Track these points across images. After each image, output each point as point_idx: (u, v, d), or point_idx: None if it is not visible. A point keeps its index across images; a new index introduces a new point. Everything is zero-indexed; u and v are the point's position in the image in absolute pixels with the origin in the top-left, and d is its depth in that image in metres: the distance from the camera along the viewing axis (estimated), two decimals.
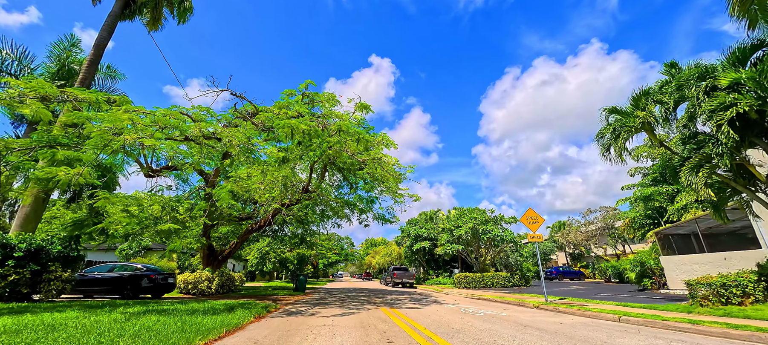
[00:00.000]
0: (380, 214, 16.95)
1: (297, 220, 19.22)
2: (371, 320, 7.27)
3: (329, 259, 46.63)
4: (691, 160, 9.20)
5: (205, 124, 8.54)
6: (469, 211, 29.19)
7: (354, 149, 11.20)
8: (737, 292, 7.75)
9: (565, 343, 4.91)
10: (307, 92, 10.90)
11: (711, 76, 8.96)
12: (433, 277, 32.71)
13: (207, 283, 14.61)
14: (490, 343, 4.91)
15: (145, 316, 6.53)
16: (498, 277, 23.60)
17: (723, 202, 9.57)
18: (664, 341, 5.13)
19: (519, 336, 5.46)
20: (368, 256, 64.95)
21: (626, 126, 11.23)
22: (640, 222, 18.46)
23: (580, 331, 5.97)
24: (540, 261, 12.02)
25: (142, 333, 4.91)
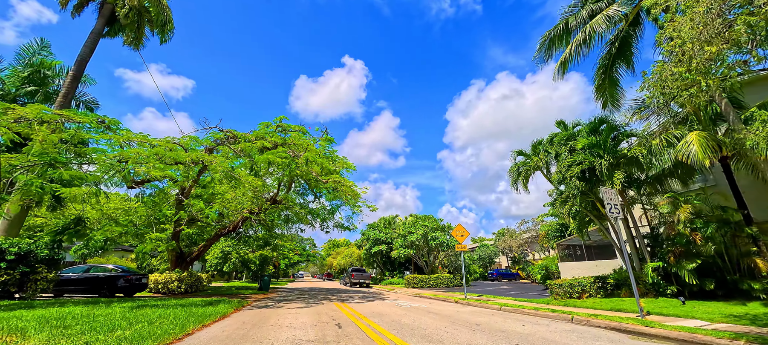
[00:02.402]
0: (340, 223, 19.40)
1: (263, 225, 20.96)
2: (325, 310, 9.77)
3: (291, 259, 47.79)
4: (561, 196, 12.90)
5: (194, 153, 10.41)
6: (422, 219, 32.58)
7: (318, 172, 13.59)
8: (578, 290, 11.41)
9: (447, 321, 7.81)
10: (281, 124, 13.08)
11: (574, 139, 12.72)
12: (389, 277, 35.69)
13: (177, 283, 15.97)
14: (398, 321, 7.67)
15: (142, 309, 8.39)
16: (443, 278, 27.07)
17: (583, 226, 13.43)
18: (510, 319, 8.26)
19: (421, 318, 8.30)
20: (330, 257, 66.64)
21: (526, 166, 14.88)
22: (551, 234, 22.87)
23: (466, 316, 8.99)
24: (464, 267, 15.26)
25: (154, 319, 6.92)
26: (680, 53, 4.67)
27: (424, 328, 6.61)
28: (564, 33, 13.23)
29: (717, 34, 4.25)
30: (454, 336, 5.80)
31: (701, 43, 4.32)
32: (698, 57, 4.43)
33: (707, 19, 4.16)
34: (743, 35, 4.10)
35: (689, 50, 4.48)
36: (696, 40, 4.35)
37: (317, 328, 6.55)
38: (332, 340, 5.47)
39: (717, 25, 4.16)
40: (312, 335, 5.84)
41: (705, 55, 4.37)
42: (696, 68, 4.62)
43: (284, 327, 6.71)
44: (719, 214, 9.63)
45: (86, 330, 5.30)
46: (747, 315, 7.05)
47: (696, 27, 4.31)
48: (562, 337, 5.85)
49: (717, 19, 4.17)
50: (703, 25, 4.24)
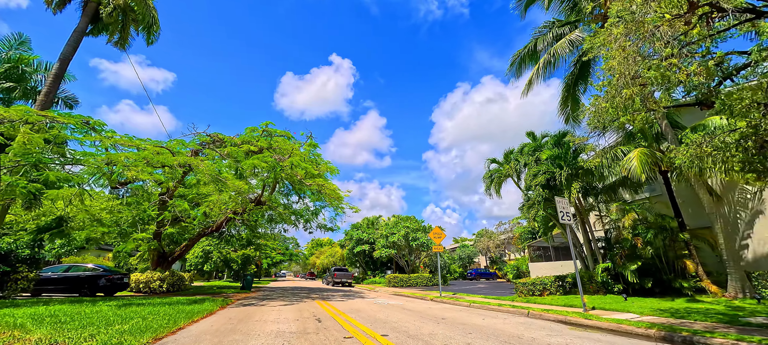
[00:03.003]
0: (323, 224, 19.99)
1: (246, 225, 21.22)
2: (307, 307, 10.42)
3: (273, 259, 47.70)
4: (528, 202, 14.06)
5: (181, 157, 10.78)
6: (404, 220, 33.53)
7: (303, 176, 14.16)
8: (540, 288, 12.57)
9: (418, 316, 8.64)
10: (267, 129, 13.57)
11: (541, 150, 13.89)
12: (371, 277, 36.46)
13: (158, 282, 16.10)
14: (374, 316, 8.44)
15: (129, 308, 8.78)
16: (422, 278, 28.08)
17: (547, 230, 14.66)
18: (474, 314, 9.19)
19: (395, 313, 9.11)
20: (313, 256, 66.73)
21: (499, 173, 15.99)
22: (524, 236, 24.31)
23: (436, 311, 9.87)
24: (439, 267, 16.21)
25: (147, 315, 7.39)
26: (607, 92, 5.68)
27: (395, 322, 7.42)
28: (533, 53, 14.40)
29: (632, 78, 5.27)
30: (419, 328, 6.63)
31: (619, 87, 5.33)
32: (618, 97, 5.45)
33: (622, 67, 5.17)
34: (648, 82, 5.13)
35: (612, 91, 5.50)
36: (615, 85, 5.36)
37: (299, 322, 7.23)
38: (312, 331, 6.17)
39: (630, 74, 5.17)
40: (294, 328, 6.52)
41: (623, 97, 5.38)
42: (617, 105, 5.64)
43: (269, 321, 7.34)
44: (658, 222, 10.97)
45: (84, 325, 5.76)
46: (671, 309, 8.27)
47: (615, 74, 5.31)
48: (513, 328, 6.80)
49: (630, 69, 5.17)
50: (619, 73, 5.24)
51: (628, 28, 5.22)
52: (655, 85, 5.13)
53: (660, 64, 4.94)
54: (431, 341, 5.36)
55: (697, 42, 5.21)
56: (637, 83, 5.29)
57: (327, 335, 5.84)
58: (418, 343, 5.18)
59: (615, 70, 5.29)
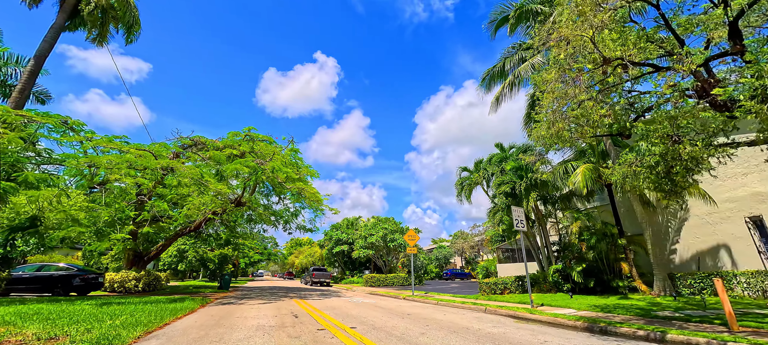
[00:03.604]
0: (302, 225, 20.54)
1: (225, 225, 21.37)
2: (285, 305, 11.08)
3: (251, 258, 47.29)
4: (494, 208, 15.34)
5: (164, 161, 11.13)
6: (382, 221, 34.49)
7: (284, 179, 14.74)
8: (501, 287, 13.84)
9: (388, 312, 9.55)
10: (250, 133, 14.05)
11: (506, 161, 15.17)
12: (349, 276, 37.15)
13: (134, 282, 16.11)
14: (347, 312, 9.27)
15: (111, 306, 9.12)
16: (398, 277, 29.13)
17: (511, 235, 16.03)
18: (439, 311, 10.21)
19: (367, 310, 9.97)
20: (292, 255, 66.39)
21: (469, 180, 17.21)
22: (494, 239, 25.89)
23: (405, 308, 10.81)
24: (412, 268, 17.21)
25: (134, 312, 7.85)
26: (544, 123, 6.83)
27: (366, 317, 8.28)
28: (501, 72, 15.71)
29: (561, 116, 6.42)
30: (385, 322, 7.53)
31: (552, 121, 6.47)
32: (552, 129, 6.59)
33: (553, 106, 6.30)
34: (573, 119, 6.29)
35: (546, 124, 6.63)
36: (549, 119, 6.50)
37: (278, 318, 7.94)
38: (290, 325, 6.92)
39: (559, 112, 6.31)
40: (273, 322, 7.24)
41: (556, 128, 6.53)
42: (552, 134, 6.79)
43: (249, 318, 8.00)
44: (601, 229, 12.48)
45: (74, 321, 6.22)
46: (603, 305, 9.63)
47: (548, 111, 6.45)
48: (467, 322, 7.83)
49: (560, 107, 6.31)
50: (551, 110, 6.38)
51: (558, 73, 6.36)
52: (578, 121, 6.29)
53: (584, 105, 6.10)
54: (392, 331, 6.27)
55: (613, 87, 6.43)
56: (564, 119, 6.45)
57: (302, 328, 6.61)
58: (380, 334, 6.07)
59: (548, 108, 6.42)
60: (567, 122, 6.62)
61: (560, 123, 6.54)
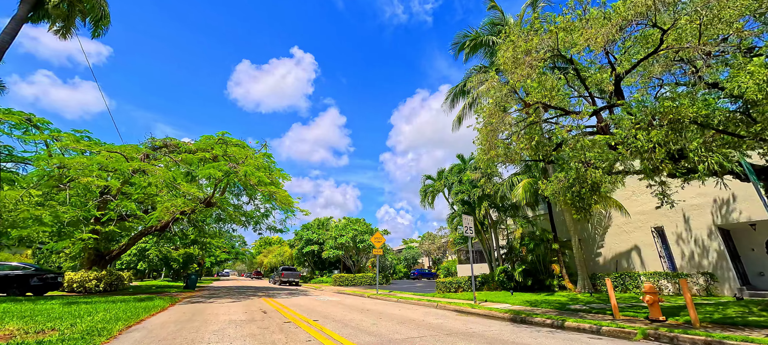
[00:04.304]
0: (273, 226, 21.05)
1: (193, 225, 21.28)
2: (254, 303, 11.79)
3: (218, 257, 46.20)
4: (452, 214, 16.90)
5: (135, 163, 11.40)
6: (353, 222, 35.42)
7: (255, 182, 15.31)
8: (455, 286, 15.40)
9: (350, 309, 10.61)
10: (223, 137, 14.49)
11: (464, 172, 16.75)
12: (318, 276, 37.69)
13: (95, 281, 15.85)
14: (313, 309, 10.22)
15: (79, 305, 9.39)
16: (366, 277, 30.22)
17: (465, 240, 17.69)
18: (396, 307, 11.44)
19: (331, 307, 10.98)
20: (260, 255, 65.28)
21: (432, 188, 18.68)
22: (456, 241, 27.78)
23: (367, 305, 11.94)
24: (378, 268, 18.39)
25: (110, 309, 8.28)
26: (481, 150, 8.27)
27: (328, 313, 9.31)
28: (463, 91, 17.33)
29: (493, 146, 7.88)
30: (344, 315, 8.62)
31: (486, 149, 7.92)
32: (486, 156, 8.04)
33: (485, 138, 7.75)
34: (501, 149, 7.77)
35: (482, 152, 8.08)
36: (484, 147, 7.94)
37: (247, 314, 8.75)
38: (259, 319, 7.79)
39: (490, 143, 7.77)
40: (244, 318, 8.06)
41: (489, 156, 7.98)
42: (488, 159, 8.25)
43: (220, 314, 8.73)
44: (539, 235, 14.41)
45: (51, 318, 6.69)
46: (534, 300, 11.36)
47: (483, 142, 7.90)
48: (416, 315, 9.11)
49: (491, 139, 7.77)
50: (485, 142, 7.83)
51: (493, 109, 7.81)
52: (507, 151, 7.77)
53: (509, 138, 7.59)
54: (348, 323, 7.37)
55: (535, 124, 7.99)
56: (496, 147, 7.91)
57: (270, 321, 7.52)
58: (338, 325, 7.15)
59: (482, 139, 7.86)
60: (498, 150, 8.10)
61: (493, 151, 8.00)
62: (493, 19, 16.17)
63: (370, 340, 5.53)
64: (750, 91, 5.06)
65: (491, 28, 16.30)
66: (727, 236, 13.09)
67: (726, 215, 12.18)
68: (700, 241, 12.64)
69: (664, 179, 8.21)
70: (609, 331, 6.47)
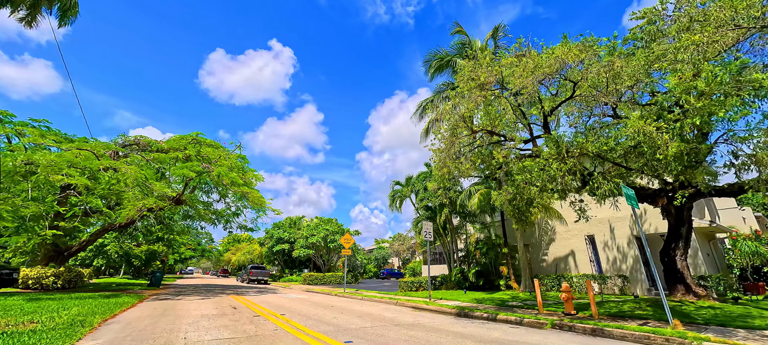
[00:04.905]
0: (244, 225, 21.29)
1: (161, 222, 21.00)
2: (223, 300, 12.33)
3: (183, 255, 44.73)
4: (416, 218, 18.22)
5: (106, 161, 11.52)
6: (325, 222, 36.00)
7: (228, 183, 15.69)
8: (416, 285, 16.71)
9: (316, 305, 11.50)
10: (197, 138, 14.77)
11: (429, 179, 18.12)
12: (288, 275, 37.86)
13: (53, 278, 15.43)
14: (281, 305, 11.01)
15: (44, 301, 9.54)
16: (336, 276, 30.97)
17: (433, 242, 19.11)
18: (359, 304, 12.46)
19: (299, 304, 11.81)
20: (228, 252, 63.62)
21: (401, 193, 19.91)
22: (423, 243, 29.30)
23: (333, 302, 12.87)
24: (346, 268, 19.31)
25: (83, 305, 8.58)
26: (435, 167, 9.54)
27: (295, 308, 10.17)
28: (432, 103, 18.73)
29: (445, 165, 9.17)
30: (309, 310, 9.53)
31: (440, 166, 9.20)
32: (439, 173, 9.32)
33: (438, 159, 9.03)
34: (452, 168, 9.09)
35: (436, 169, 9.35)
36: (438, 165, 9.21)
37: (218, 310, 9.40)
38: (229, 314, 8.51)
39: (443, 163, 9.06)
40: (215, 312, 8.73)
41: (442, 173, 9.27)
42: (442, 176, 9.53)
43: (192, 310, 9.31)
44: (491, 240, 16.09)
45: (27, 312, 7.03)
46: (482, 298, 12.87)
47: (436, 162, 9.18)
48: (375, 310, 10.20)
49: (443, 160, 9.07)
50: (439, 161, 9.11)
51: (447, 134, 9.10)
52: (458, 168, 9.09)
53: (457, 160, 8.90)
54: (313, 317, 8.31)
55: (480, 147, 9.37)
56: (446, 166, 9.21)
57: (241, 315, 8.28)
58: (303, 318, 8.07)
59: (436, 160, 9.13)
60: (449, 168, 9.41)
61: (445, 168, 9.29)
62: (462, 40, 17.71)
63: (327, 329, 6.53)
64: (629, 137, 6.65)
65: (460, 48, 17.82)
66: (643, 244, 15.46)
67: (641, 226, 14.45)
68: (621, 248, 14.85)
69: (582, 198, 9.94)
70: (528, 322, 7.92)
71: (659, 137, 6.28)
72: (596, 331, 6.68)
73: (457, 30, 16.52)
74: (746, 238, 13.54)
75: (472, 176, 12.22)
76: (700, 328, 6.52)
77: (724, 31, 5.71)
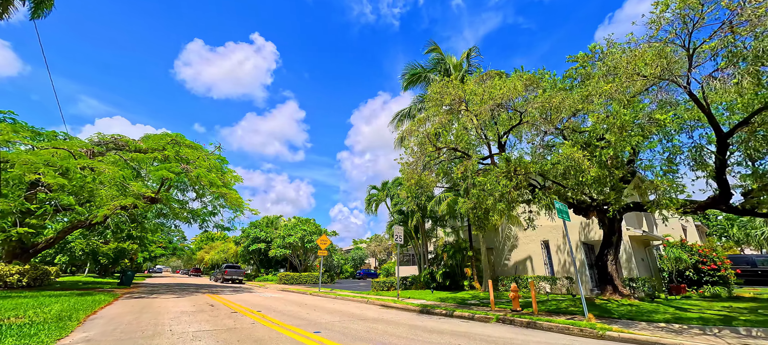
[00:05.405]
0: (220, 224, 21.45)
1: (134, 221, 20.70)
2: (199, 299, 12.75)
3: (153, 252, 43.38)
4: (391, 222, 19.25)
5: (84, 161, 11.65)
6: (303, 222, 36.33)
7: (208, 185, 16.00)
8: (388, 285, 17.73)
9: (291, 303, 12.20)
10: (176, 138, 15.00)
11: (402, 187, 19.16)
12: (264, 275, 37.82)
13: (18, 276, 15.08)
14: (257, 303, 11.63)
15: (18, 299, 9.67)
16: (312, 276, 31.43)
17: (405, 244, 20.21)
18: (332, 302, 13.27)
19: (274, 302, 12.46)
20: (201, 251, 62.03)
21: (376, 197, 20.85)
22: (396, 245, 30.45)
23: (307, 300, 13.60)
24: (321, 269, 20.02)
25: (63, 302, 8.85)
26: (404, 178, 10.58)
27: (271, 305, 10.86)
28: (408, 114, 19.83)
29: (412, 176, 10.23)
30: (285, 308, 10.27)
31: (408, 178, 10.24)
32: (407, 184, 10.36)
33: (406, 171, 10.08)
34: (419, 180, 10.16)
35: (405, 181, 10.39)
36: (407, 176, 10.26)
37: (196, 307, 9.93)
38: (207, 311, 9.10)
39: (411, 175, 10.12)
40: (193, 309, 9.28)
41: (409, 183, 10.31)
42: (410, 187, 10.58)
43: (170, 307, 9.79)
44: (459, 244, 17.39)
45: (7, 309, 7.33)
46: (446, 297, 14.05)
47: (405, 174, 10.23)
48: (347, 308, 11.07)
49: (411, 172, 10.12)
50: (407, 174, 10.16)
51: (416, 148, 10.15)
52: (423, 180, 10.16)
53: (424, 172, 9.97)
54: (287, 313, 9.07)
55: (444, 162, 10.51)
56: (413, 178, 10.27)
57: (219, 312, 8.91)
58: (278, 313, 8.83)
59: (405, 172, 10.17)
60: (416, 179, 10.48)
61: (413, 179, 10.35)
62: (437, 57, 18.95)
63: (300, 322, 7.36)
64: (560, 164, 7.97)
65: (435, 64, 19.06)
66: (590, 249, 17.30)
67: (587, 234, 16.24)
68: (570, 253, 16.58)
69: (532, 208, 11.31)
70: (478, 317, 9.10)
71: (584, 163, 7.62)
72: (530, 324, 7.94)
73: (432, 49, 17.72)
74: (673, 246, 15.63)
75: (439, 186, 13.40)
76: (612, 321, 7.92)
77: (633, 80, 7.11)
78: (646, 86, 7.52)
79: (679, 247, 15.52)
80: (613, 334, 6.60)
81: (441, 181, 10.44)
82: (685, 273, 15.29)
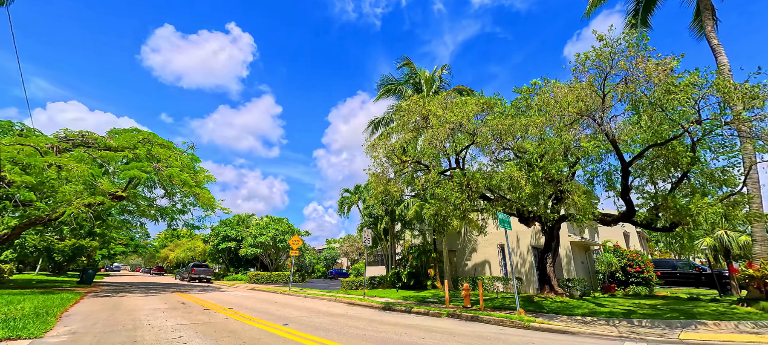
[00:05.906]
0: (190, 223, 21.35)
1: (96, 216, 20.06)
2: (169, 297, 13.00)
3: (113, 250, 41.29)
4: (361, 224, 20.22)
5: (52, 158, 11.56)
6: (275, 222, 36.32)
7: (180, 186, 16.10)
8: (356, 284, 18.68)
9: (261, 301, 12.81)
10: (149, 137, 15.03)
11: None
12: (233, 274, 37.36)
13: None
14: (228, 301, 12.15)
15: None
16: (283, 275, 31.62)
17: (375, 246, 21.25)
18: (302, 299, 14.01)
19: (244, 300, 13.00)
20: (166, 248, 59.48)
21: (349, 200, 21.71)
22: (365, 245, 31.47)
23: (277, 298, 14.22)
24: (292, 269, 20.58)
25: (34, 299, 8.94)
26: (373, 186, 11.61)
27: (242, 303, 11.46)
28: (382, 121, 20.90)
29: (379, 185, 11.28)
30: (256, 305, 10.94)
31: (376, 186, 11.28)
32: (375, 192, 11.39)
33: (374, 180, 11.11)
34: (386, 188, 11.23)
35: (373, 189, 11.42)
36: (374, 185, 11.28)
37: (168, 304, 10.34)
38: (180, 308, 9.59)
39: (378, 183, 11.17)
40: (165, 307, 9.72)
41: (376, 192, 11.35)
42: (377, 195, 11.61)
43: (141, 305, 10.13)
44: (423, 246, 18.70)
45: None
46: (408, 295, 15.23)
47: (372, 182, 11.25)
48: (315, 305, 11.90)
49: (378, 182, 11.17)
50: (375, 182, 11.20)
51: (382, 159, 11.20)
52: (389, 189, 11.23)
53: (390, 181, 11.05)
54: (259, 309, 9.78)
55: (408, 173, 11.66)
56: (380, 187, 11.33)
57: (192, 309, 9.44)
58: (251, 311, 9.51)
59: (373, 181, 11.20)
60: (383, 187, 11.54)
61: (380, 188, 11.40)
62: (409, 72, 20.19)
63: (270, 317, 8.15)
64: (503, 181, 9.36)
65: (408, 77, 20.30)
66: (539, 253, 19.27)
67: (538, 239, 18.14)
68: (522, 256, 18.42)
69: (484, 217, 12.75)
70: (433, 313, 10.31)
71: (521, 181, 9.03)
72: (474, 318, 9.24)
73: (405, 63, 18.93)
74: (607, 251, 17.88)
75: (407, 194, 14.57)
76: (539, 315, 9.42)
77: (560, 116, 8.59)
78: (571, 121, 9.07)
79: (612, 252, 17.80)
80: (536, 324, 8.01)
81: (406, 190, 11.57)
82: (616, 275, 17.56)
